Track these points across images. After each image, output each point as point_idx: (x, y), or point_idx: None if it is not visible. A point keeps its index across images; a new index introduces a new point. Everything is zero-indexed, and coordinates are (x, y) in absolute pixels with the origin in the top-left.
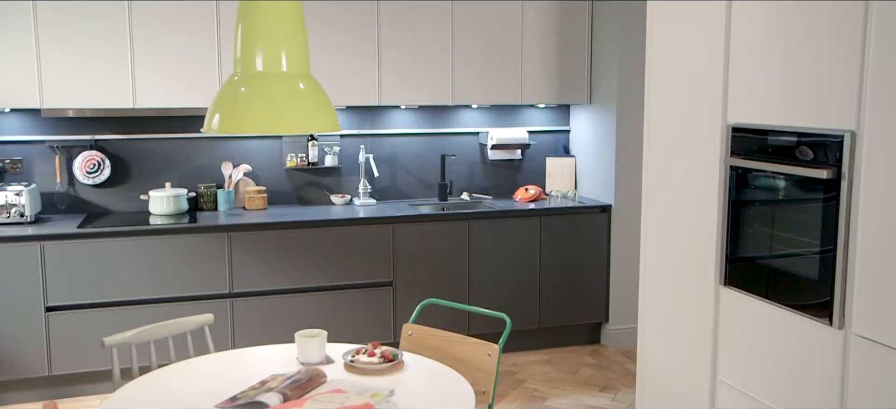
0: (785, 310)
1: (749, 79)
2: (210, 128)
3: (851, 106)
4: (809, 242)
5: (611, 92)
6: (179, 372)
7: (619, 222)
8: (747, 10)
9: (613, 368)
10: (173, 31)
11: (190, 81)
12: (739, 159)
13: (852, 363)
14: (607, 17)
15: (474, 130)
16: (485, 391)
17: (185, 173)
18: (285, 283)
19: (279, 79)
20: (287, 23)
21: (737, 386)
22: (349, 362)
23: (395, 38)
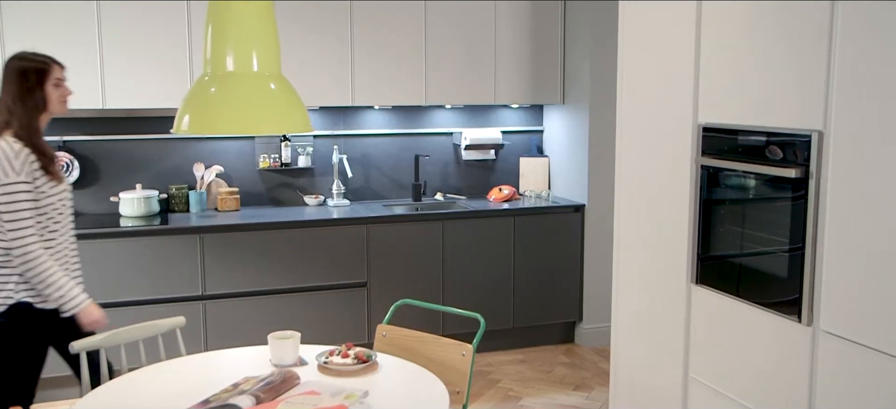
0: (755, 308)
1: (719, 79)
2: (180, 129)
3: (818, 106)
4: (779, 240)
5: (583, 92)
6: (150, 376)
7: (592, 222)
8: (717, 11)
9: (587, 367)
10: (143, 31)
11: (160, 81)
12: (710, 159)
13: (820, 358)
14: (579, 18)
15: (448, 130)
16: (459, 392)
17: (157, 175)
18: (258, 284)
19: (250, 79)
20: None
21: (708, 383)
22: (323, 363)
23: (368, 38)
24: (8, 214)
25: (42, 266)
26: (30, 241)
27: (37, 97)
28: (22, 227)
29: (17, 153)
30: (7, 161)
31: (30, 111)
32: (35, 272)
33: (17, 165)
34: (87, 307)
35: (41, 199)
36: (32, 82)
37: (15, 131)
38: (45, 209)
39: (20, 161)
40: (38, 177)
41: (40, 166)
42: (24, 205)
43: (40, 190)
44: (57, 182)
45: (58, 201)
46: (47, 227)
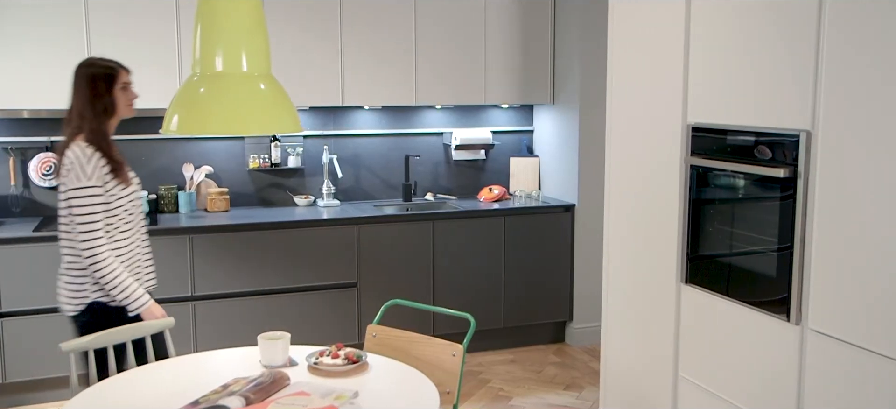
0: (744, 307)
1: (708, 79)
2: (169, 129)
3: (807, 106)
4: (768, 239)
5: (573, 92)
6: (139, 377)
7: (582, 222)
8: (706, 11)
9: (578, 366)
10: (132, 32)
11: (149, 81)
12: (699, 159)
13: (809, 357)
14: (569, 18)
15: (438, 130)
16: (449, 392)
17: (145, 175)
18: (248, 285)
19: (239, 79)
20: (247, 23)
21: (698, 382)
22: (313, 364)
23: (358, 39)
24: (80, 216)
25: (108, 268)
26: (99, 244)
27: (106, 102)
28: (92, 229)
29: (88, 158)
30: (79, 166)
31: (99, 116)
32: (102, 274)
33: (88, 170)
34: (150, 307)
35: (111, 201)
36: (101, 88)
37: (86, 136)
38: (115, 211)
39: (92, 165)
40: (109, 180)
41: (110, 170)
42: (96, 208)
43: (111, 193)
44: (126, 184)
45: (128, 203)
46: (119, 228)
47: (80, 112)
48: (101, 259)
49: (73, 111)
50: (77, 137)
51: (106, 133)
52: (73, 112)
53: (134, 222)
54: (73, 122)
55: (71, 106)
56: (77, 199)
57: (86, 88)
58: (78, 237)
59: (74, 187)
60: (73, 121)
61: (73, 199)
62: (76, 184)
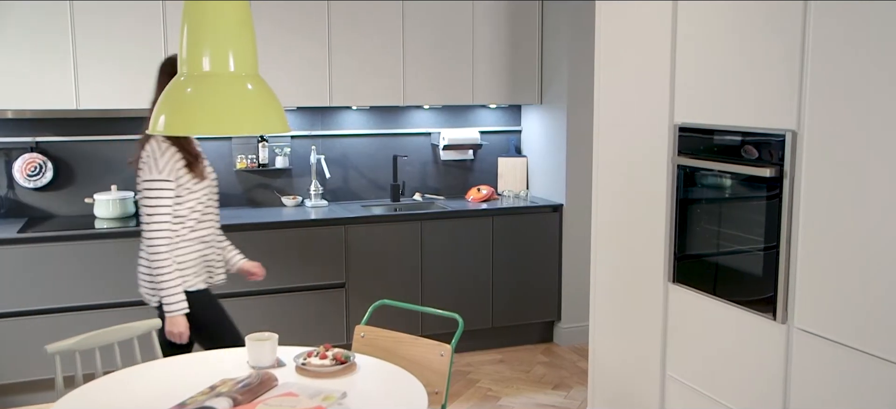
0: (731, 306)
1: (695, 79)
2: (156, 129)
3: (792, 106)
4: (754, 239)
5: (561, 92)
6: (126, 379)
7: (570, 222)
8: (692, 11)
9: (566, 366)
10: (117, 31)
11: (135, 81)
12: (686, 159)
13: (795, 355)
14: (557, 18)
15: (426, 130)
16: (438, 392)
17: (132, 176)
18: (236, 286)
19: (226, 79)
20: (234, 23)
21: (686, 381)
22: (301, 365)
23: (346, 39)
24: (148, 208)
25: (163, 263)
26: (161, 237)
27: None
28: (157, 221)
29: (163, 152)
30: (153, 159)
31: None
32: (157, 266)
33: (161, 164)
34: (177, 318)
35: (184, 195)
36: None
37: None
38: (189, 205)
39: (165, 159)
40: (182, 175)
41: (185, 165)
42: (164, 201)
43: (184, 187)
44: (200, 179)
45: (203, 196)
46: (196, 218)
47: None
48: (159, 252)
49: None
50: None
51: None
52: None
53: (210, 214)
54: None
55: (153, 100)
56: (148, 191)
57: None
58: (143, 227)
59: (147, 180)
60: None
61: (144, 191)
62: (148, 176)
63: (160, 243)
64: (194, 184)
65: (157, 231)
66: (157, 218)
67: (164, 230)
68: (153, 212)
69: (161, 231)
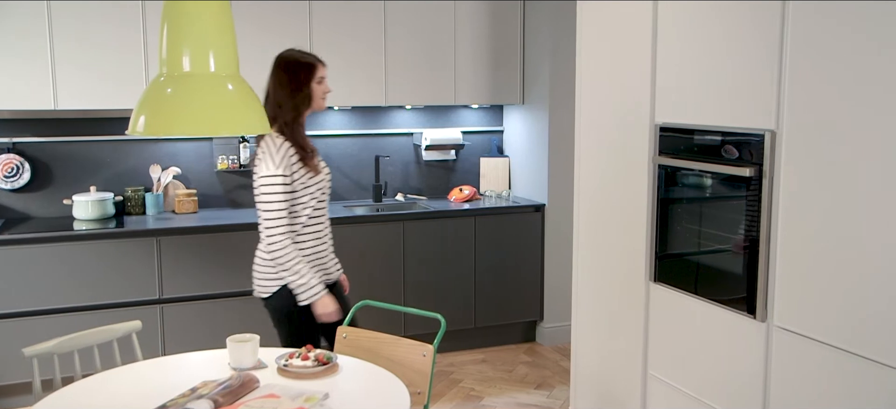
0: (712, 304)
1: (676, 79)
2: (135, 130)
3: (771, 106)
4: (734, 238)
5: (543, 92)
6: (105, 382)
7: (552, 221)
8: (673, 11)
9: (548, 365)
10: (96, 31)
11: (115, 81)
12: (667, 158)
13: (774, 353)
14: (539, 18)
15: (408, 130)
16: (420, 392)
17: (112, 177)
18: (217, 287)
19: (207, 79)
20: (214, 22)
21: (667, 380)
22: (282, 366)
23: (327, 39)
24: (264, 204)
25: (287, 256)
26: (279, 231)
27: (305, 93)
28: (274, 217)
29: (278, 148)
30: (269, 155)
31: (297, 106)
32: (281, 261)
33: (277, 159)
34: (322, 299)
35: (298, 190)
36: (302, 79)
37: (278, 126)
38: (303, 200)
39: (280, 155)
40: (297, 170)
41: (299, 160)
42: (279, 197)
43: (299, 181)
44: (314, 173)
45: (317, 191)
46: (309, 214)
47: (279, 102)
48: (282, 246)
49: (270, 101)
50: (272, 126)
51: (300, 124)
52: (270, 102)
53: (321, 212)
54: (269, 111)
55: (268, 95)
56: (263, 187)
57: (287, 79)
58: (261, 224)
59: (262, 176)
60: (269, 110)
61: (260, 187)
62: (264, 172)
63: (280, 237)
64: (308, 179)
65: (276, 226)
66: (274, 213)
67: (282, 225)
68: (270, 208)
69: (279, 226)
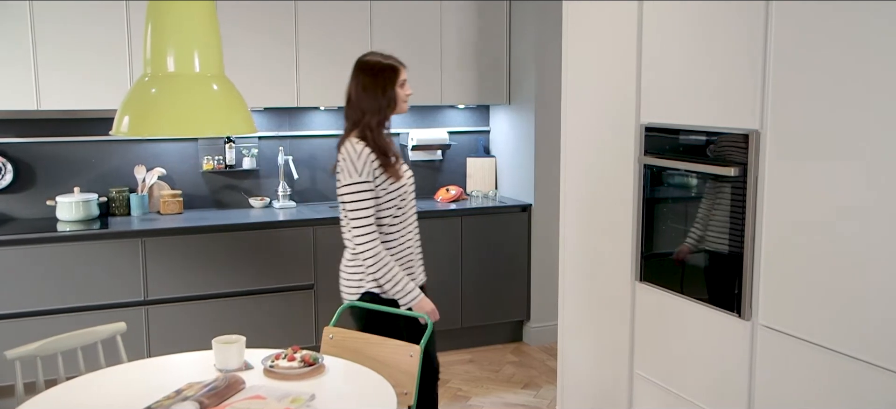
0: (697, 304)
1: (661, 79)
2: (119, 131)
3: (755, 106)
4: (719, 237)
5: (529, 92)
6: (89, 384)
7: (538, 221)
8: (658, 11)
9: (535, 365)
10: (79, 30)
11: (99, 81)
12: (653, 158)
13: (759, 352)
14: (525, 18)
15: (394, 130)
16: (407, 393)
17: (96, 178)
18: (203, 288)
19: (191, 80)
20: (199, 22)
21: (653, 379)
22: (268, 367)
23: (314, 39)
24: (352, 212)
25: (381, 262)
26: (371, 238)
27: (389, 96)
28: (364, 224)
29: (359, 154)
30: (351, 162)
31: (382, 110)
32: (376, 267)
33: (359, 166)
34: (420, 302)
35: (382, 195)
36: (387, 84)
37: (360, 132)
38: (388, 205)
39: (362, 161)
40: (379, 175)
41: (380, 165)
42: (366, 204)
43: (382, 187)
44: (396, 179)
45: (397, 197)
46: (393, 216)
47: (363, 107)
48: (375, 253)
49: (352, 106)
50: (353, 132)
51: (384, 128)
52: (352, 106)
53: (408, 211)
54: (352, 116)
55: (350, 100)
56: (348, 195)
57: (371, 83)
58: (351, 232)
59: (346, 184)
60: (352, 115)
61: (345, 195)
62: (347, 180)
63: (370, 245)
64: (390, 184)
65: (365, 233)
66: (362, 221)
67: (371, 232)
68: (359, 216)
69: (369, 233)
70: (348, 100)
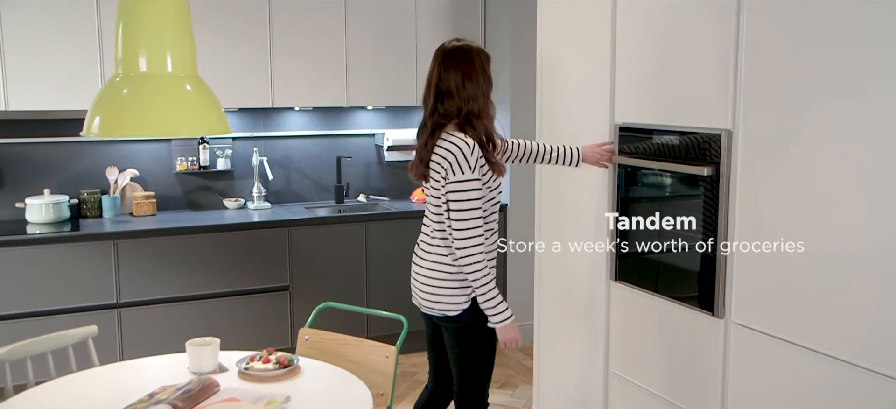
0: (672, 302)
1: (635, 80)
2: (90, 131)
3: (727, 106)
4: (693, 236)
5: (504, 92)
6: (60, 389)
7: (514, 221)
8: (631, 12)
9: (511, 365)
10: (49, 30)
11: (69, 82)
12: (627, 158)
13: (732, 349)
14: (500, 18)
15: (370, 131)
16: (383, 393)
17: (67, 179)
18: (177, 291)
19: (164, 80)
20: (171, 22)
21: (629, 378)
22: (243, 369)
23: (288, 39)
24: (461, 213)
25: (483, 271)
26: (479, 242)
27: (490, 79)
28: (470, 226)
29: (471, 148)
30: (463, 157)
31: (487, 95)
32: (477, 276)
33: (472, 161)
34: (510, 325)
35: (486, 194)
36: (484, 63)
37: (459, 124)
38: (488, 206)
39: (475, 157)
40: (486, 172)
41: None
42: (475, 204)
43: (487, 185)
44: (500, 175)
45: (496, 194)
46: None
47: (470, 95)
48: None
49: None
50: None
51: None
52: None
53: (496, 212)
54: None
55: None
56: (458, 192)
57: (480, 70)
58: (455, 235)
59: (454, 180)
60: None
61: (453, 192)
62: (456, 177)
63: (476, 249)
64: (493, 180)
65: (472, 236)
66: (472, 223)
67: (479, 235)
68: (465, 216)
69: (478, 236)
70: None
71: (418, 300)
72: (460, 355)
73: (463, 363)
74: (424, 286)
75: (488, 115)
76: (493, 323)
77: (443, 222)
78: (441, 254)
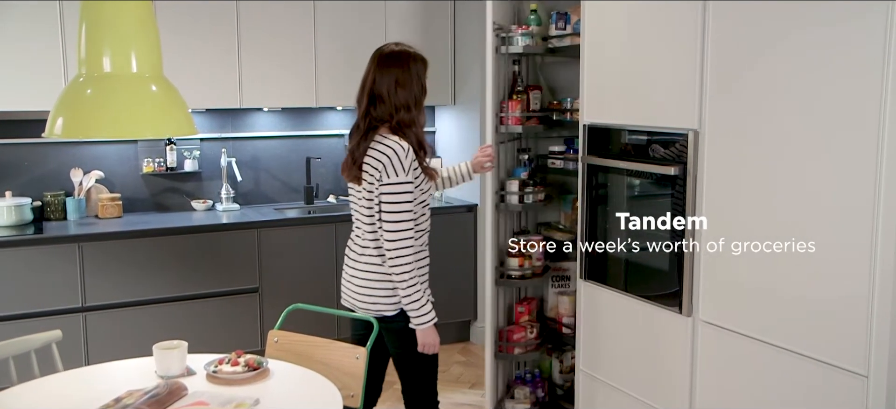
0: (641, 301)
1: (603, 80)
2: (53, 133)
3: (693, 106)
4: (661, 235)
5: (474, 93)
6: (22, 395)
7: (484, 221)
8: (599, 13)
9: (483, 365)
10: (10, 28)
11: (31, 82)
12: (596, 158)
13: (700, 346)
14: (470, 18)
15: (339, 132)
16: (353, 395)
17: (29, 181)
18: (144, 294)
19: (129, 80)
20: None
21: (599, 376)
22: (211, 372)
23: (256, 39)
24: (393, 215)
25: (411, 273)
26: (409, 244)
27: (425, 88)
28: (404, 229)
29: (405, 151)
30: (397, 160)
31: (419, 103)
32: (404, 278)
33: (406, 164)
34: (429, 329)
35: (418, 196)
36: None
37: (392, 126)
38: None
39: (409, 159)
40: (419, 176)
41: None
42: (408, 207)
43: (419, 189)
44: (431, 178)
45: (428, 197)
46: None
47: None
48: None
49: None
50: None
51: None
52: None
53: (428, 216)
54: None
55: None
56: (390, 196)
57: (406, 73)
58: (386, 236)
59: (387, 183)
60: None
61: (386, 195)
62: (389, 180)
63: (407, 252)
64: (426, 184)
65: (404, 240)
66: (404, 225)
67: (410, 238)
68: (398, 218)
69: (407, 239)
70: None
71: (351, 302)
72: (405, 355)
73: (408, 363)
74: (359, 289)
75: (418, 123)
76: (415, 325)
77: (375, 224)
78: (374, 256)
